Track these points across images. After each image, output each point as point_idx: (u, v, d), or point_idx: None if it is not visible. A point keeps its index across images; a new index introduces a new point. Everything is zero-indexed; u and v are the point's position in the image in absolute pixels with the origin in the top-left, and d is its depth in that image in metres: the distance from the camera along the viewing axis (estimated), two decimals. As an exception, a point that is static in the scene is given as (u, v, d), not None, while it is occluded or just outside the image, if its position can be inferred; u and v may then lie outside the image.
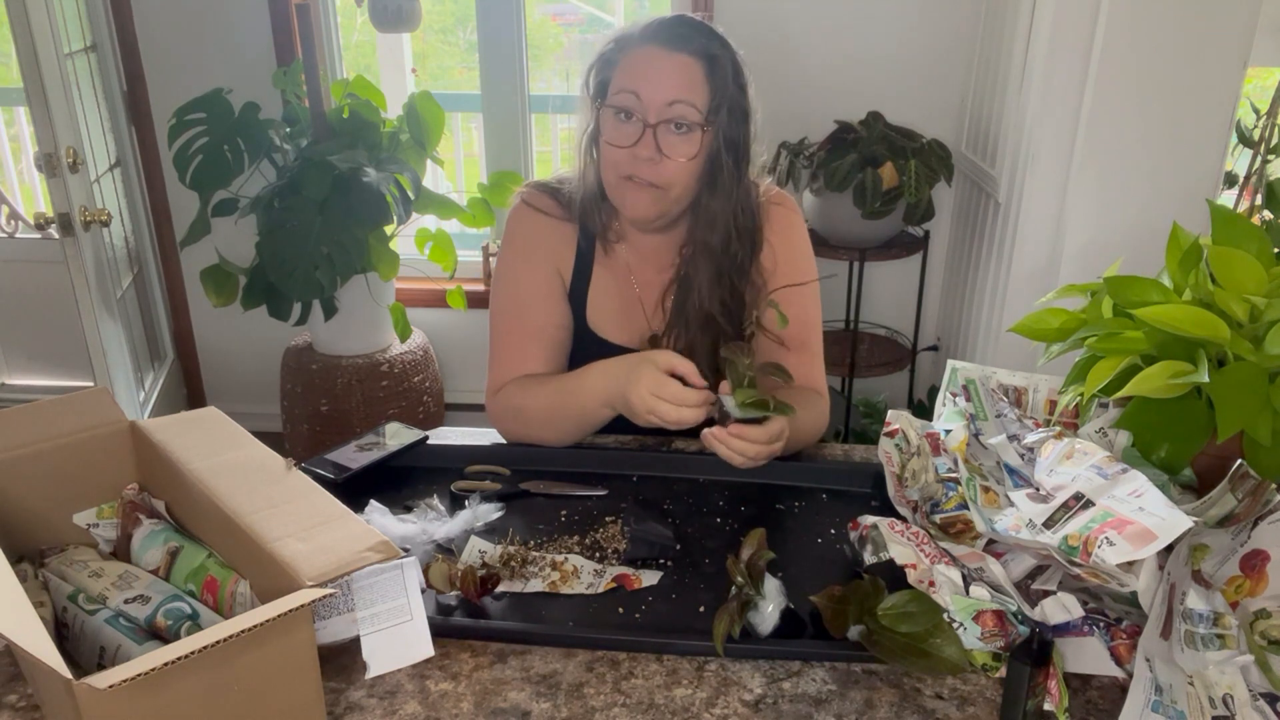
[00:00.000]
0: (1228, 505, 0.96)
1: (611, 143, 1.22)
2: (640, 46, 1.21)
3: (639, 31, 1.22)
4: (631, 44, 1.22)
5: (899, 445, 1.12)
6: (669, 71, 1.19)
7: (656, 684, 0.88)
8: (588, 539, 1.10)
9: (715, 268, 1.29)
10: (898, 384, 2.94)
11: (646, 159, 1.20)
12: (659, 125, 1.19)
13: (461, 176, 4.11)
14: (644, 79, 1.19)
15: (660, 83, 1.19)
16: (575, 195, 1.33)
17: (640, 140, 1.19)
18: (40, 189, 3.66)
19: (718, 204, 1.27)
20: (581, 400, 1.23)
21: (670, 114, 1.19)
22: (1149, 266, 1.15)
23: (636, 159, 1.20)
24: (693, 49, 1.20)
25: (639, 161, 1.20)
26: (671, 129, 1.19)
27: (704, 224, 1.28)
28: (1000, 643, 0.88)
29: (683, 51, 1.19)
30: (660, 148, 1.20)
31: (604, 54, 1.25)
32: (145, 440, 0.99)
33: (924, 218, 2.49)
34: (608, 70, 1.24)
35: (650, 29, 1.22)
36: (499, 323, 1.35)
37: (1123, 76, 1.97)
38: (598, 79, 1.25)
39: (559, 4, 4.79)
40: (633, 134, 1.20)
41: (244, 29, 2.79)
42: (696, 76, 1.20)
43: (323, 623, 0.88)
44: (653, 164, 1.20)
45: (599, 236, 1.34)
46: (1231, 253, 1.04)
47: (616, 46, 1.24)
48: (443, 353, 3.08)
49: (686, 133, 1.20)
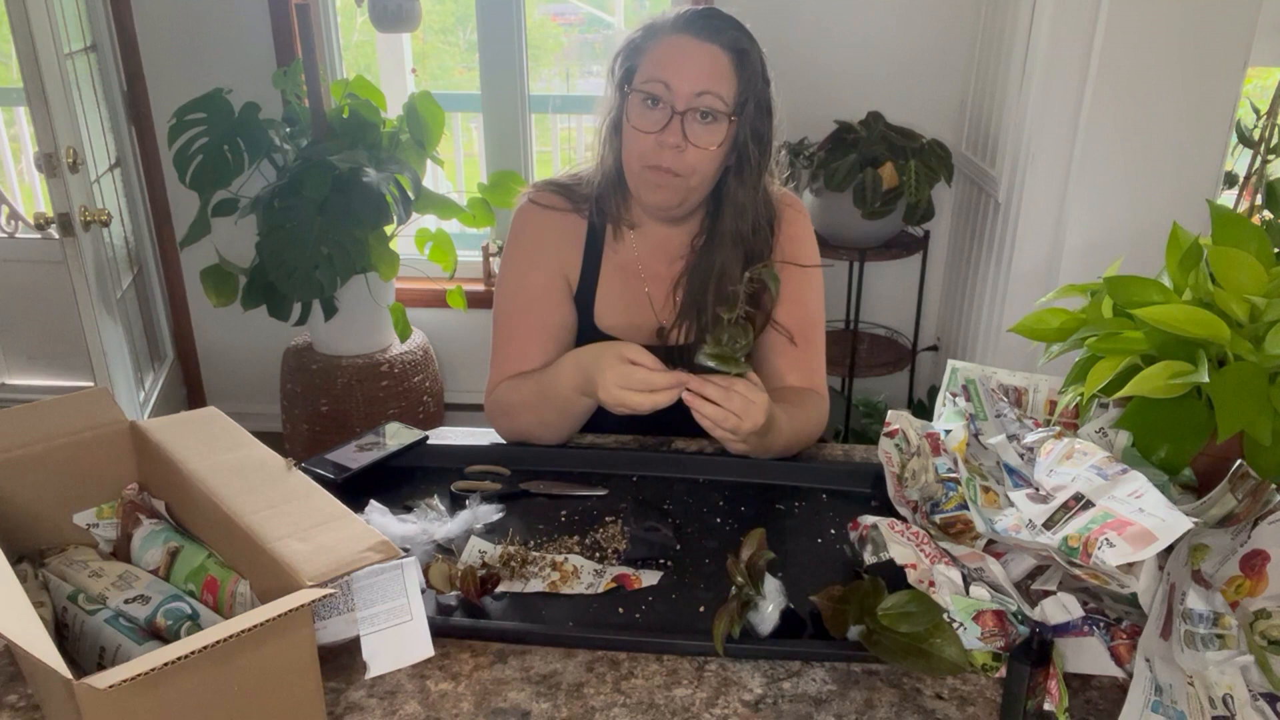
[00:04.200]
0: (1228, 505, 0.96)
1: (638, 128, 1.23)
2: (671, 35, 1.22)
3: (670, 20, 1.23)
4: (662, 32, 1.23)
5: (899, 445, 1.12)
6: (699, 61, 1.20)
7: (656, 684, 0.88)
8: (588, 539, 1.10)
9: (744, 255, 1.30)
10: (898, 384, 2.94)
11: (672, 146, 1.21)
12: (686, 113, 1.20)
13: (461, 176, 4.11)
14: (674, 67, 1.20)
15: (690, 72, 1.20)
16: (593, 182, 1.34)
17: (667, 127, 1.20)
18: (40, 189, 3.66)
19: (745, 194, 1.28)
20: (559, 390, 1.23)
21: (698, 104, 1.20)
22: (1149, 266, 1.15)
23: (661, 146, 1.21)
24: (723, 41, 1.21)
25: (664, 149, 1.21)
26: (698, 118, 1.21)
27: (732, 212, 1.29)
28: (1000, 643, 0.88)
29: (713, 42, 1.21)
30: (686, 135, 1.21)
31: (632, 41, 1.26)
32: (145, 440, 0.99)
33: (924, 218, 2.49)
34: (636, 57, 1.25)
35: (683, 19, 1.23)
36: (502, 322, 1.36)
37: (1123, 76, 1.97)
38: (624, 66, 1.26)
39: (559, 4, 4.79)
40: (659, 120, 1.21)
41: (244, 29, 2.79)
42: (725, 68, 1.21)
43: (323, 623, 0.88)
44: (677, 152, 1.21)
45: (612, 223, 1.35)
46: (1231, 253, 1.04)
47: (646, 34, 1.25)
48: (443, 353, 3.08)
49: (712, 123, 1.21)
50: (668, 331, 1.35)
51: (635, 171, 1.26)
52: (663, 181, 1.24)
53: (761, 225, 1.32)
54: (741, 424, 1.10)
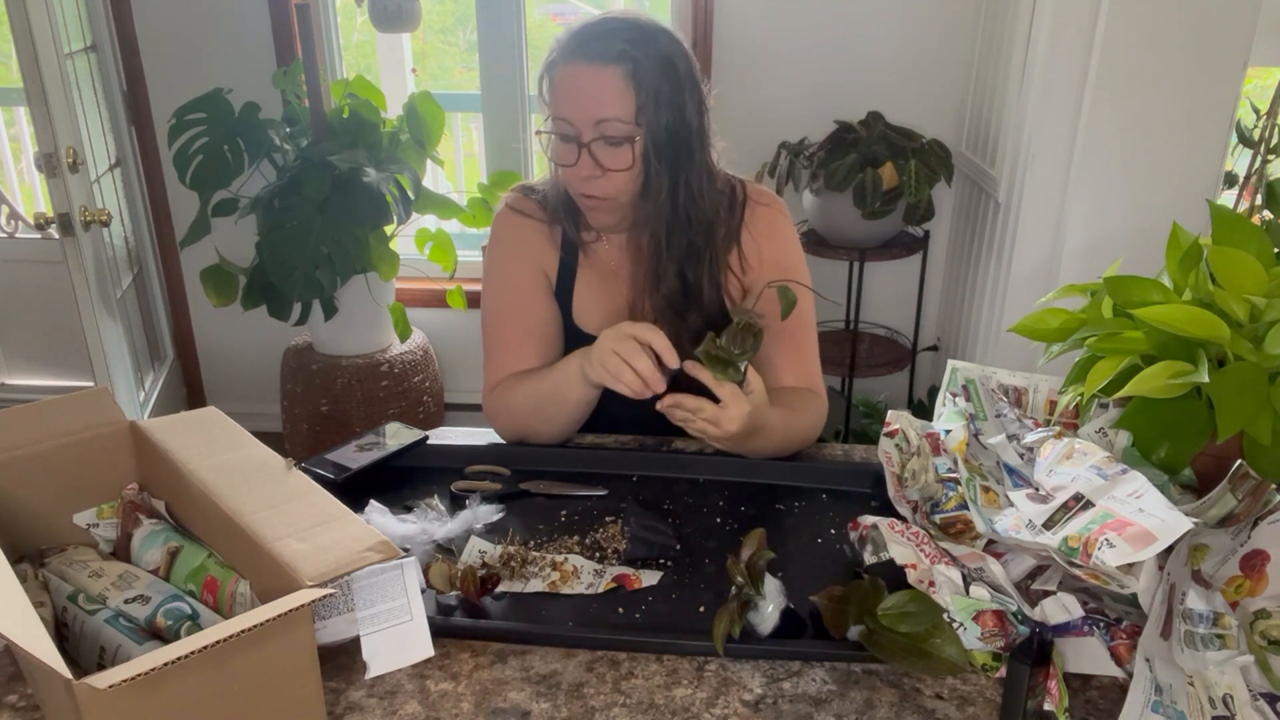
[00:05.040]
0: (1228, 505, 0.96)
1: (556, 162, 1.26)
2: (566, 65, 1.21)
3: (565, 45, 1.22)
4: (560, 61, 1.22)
5: (899, 445, 1.12)
6: (591, 90, 1.19)
7: (656, 684, 0.88)
8: (588, 539, 1.10)
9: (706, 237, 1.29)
10: (898, 384, 2.94)
11: (588, 177, 1.22)
12: (592, 143, 1.21)
13: (461, 176, 4.11)
14: (571, 101, 1.21)
15: (585, 103, 1.20)
16: (550, 198, 1.36)
17: (579, 160, 1.22)
18: (40, 189, 3.65)
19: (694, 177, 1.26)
20: (557, 376, 1.24)
21: (600, 131, 1.20)
22: (1149, 266, 1.15)
23: (580, 177, 1.23)
24: (612, 57, 1.19)
25: (584, 179, 1.23)
26: (605, 144, 1.21)
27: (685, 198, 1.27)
28: (1000, 643, 0.88)
29: (600, 62, 1.19)
30: (599, 162, 1.22)
31: (548, 63, 1.25)
32: (145, 440, 0.99)
33: (924, 218, 2.49)
34: (547, 87, 1.26)
35: (573, 43, 1.21)
36: (491, 323, 1.37)
37: (1123, 76, 1.97)
38: (546, 90, 1.26)
39: (559, 4, 4.79)
40: (572, 154, 1.22)
41: (244, 29, 2.79)
42: (619, 86, 1.19)
43: (323, 623, 0.88)
44: (595, 180, 1.23)
45: (575, 238, 1.36)
46: (1231, 253, 1.04)
47: (549, 63, 1.24)
48: (443, 353, 3.08)
49: (619, 144, 1.21)
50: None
51: (573, 197, 1.29)
52: (596, 205, 1.27)
53: (720, 204, 1.31)
54: (708, 431, 1.12)
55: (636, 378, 1.12)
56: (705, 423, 1.11)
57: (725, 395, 1.10)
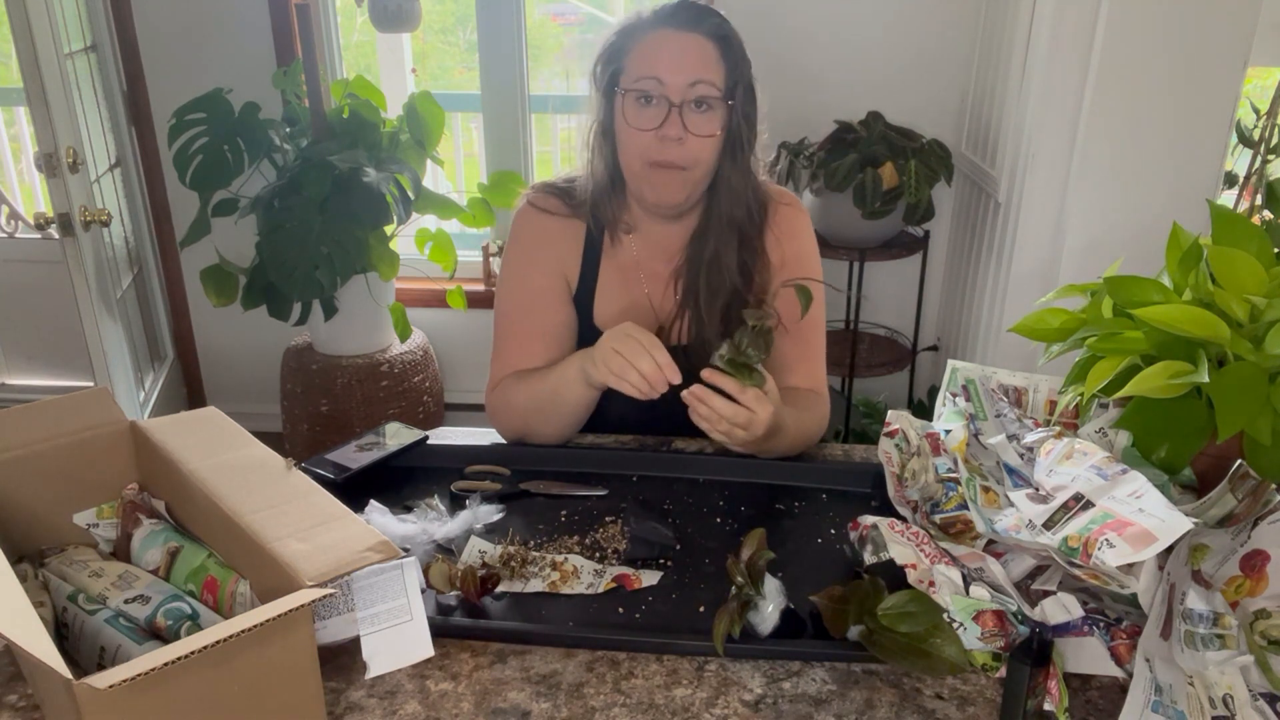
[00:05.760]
0: (1228, 505, 0.96)
1: (636, 126, 1.23)
2: (652, 30, 1.23)
3: (648, 18, 1.24)
4: (642, 30, 1.24)
5: (899, 445, 1.12)
6: (686, 51, 1.21)
7: (656, 684, 0.88)
8: (588, 539, 1.10)
9: (738, 239, 1.31)
10: (898, 384, 2.94)
11: (675, 139, 1.21)
12: (683, 105, 1.21)
13: (461, 176, 4.11)
14: (663, 61, 1.21)
15: (680, 63, 1.21)
16: (585, 190, 1.34)
17: (666, 121, 1.21)
18: (40, 189, 3.65)
19: (738, 178, 1.29)
20: (557, 377, 1.24)
21: (693, 93, 1.21)
22: (1149, 266, 1.15)
23: (663, 141, 1.22)
24: (705, 29, 1.22)
25: (666, 143, 1.22)
26: (694, 108, 1.22)
27: (727, 198, 1.30)
28: (1000, 643, 0.88)
29: (695, 31, 1.22)
30: (686, 126, 1.21)
31: (611, 45, 1.26)
32: (145, 440, 0.99)
33: (924, 218, 2.49)
34: (619, 59, 1.25)
35: (660, 14, 1.24)
36: (503, 323, 1.36)
37: (1123, 76, 1.97)
38: (608, 70, 1.26)
39: (559, 4, 4.79)
40: (657, 116, 1.21)
41: (244, 29, 2.79)
42: (712, 55, 1.22)
43: (323, 623, 0.88)
44: (679, 144, 1.22)
45: (609, 228, 1.35)
46: (1231, 253, 1.04)
47: (624, 35, 1.25)
48: (443, 353, 3.08)
49: (709, 110, 1.22)
50: (667, 330, 1.35)
51: (637, 172, 1.26)
52: (668, 178, 1.25)
53: (754, 209, 1.32)
54: (734, 434, 1.12)
55: (641, 377, 1.12)
56: (734, 427, 1.10)
57: (750, 400, 1.10)
